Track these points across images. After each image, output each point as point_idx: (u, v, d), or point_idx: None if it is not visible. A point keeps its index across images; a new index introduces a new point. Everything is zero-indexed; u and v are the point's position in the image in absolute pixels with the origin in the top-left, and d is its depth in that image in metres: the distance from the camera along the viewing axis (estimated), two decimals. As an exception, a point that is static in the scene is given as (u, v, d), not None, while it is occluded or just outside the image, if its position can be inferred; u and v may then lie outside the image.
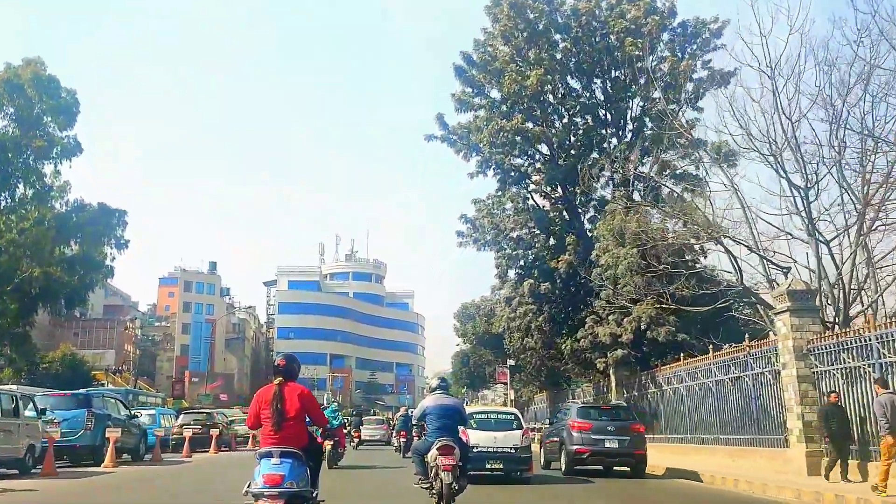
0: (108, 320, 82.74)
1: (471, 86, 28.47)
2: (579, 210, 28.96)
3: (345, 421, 24.25)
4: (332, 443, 16.49)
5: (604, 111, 29.52)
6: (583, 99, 29.04)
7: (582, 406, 19.24)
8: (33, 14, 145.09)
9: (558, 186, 29.06)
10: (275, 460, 6.26)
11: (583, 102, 28.81)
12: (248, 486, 6.22)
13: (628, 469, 17.17)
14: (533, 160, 29.11)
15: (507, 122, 26.17)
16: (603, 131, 28.76)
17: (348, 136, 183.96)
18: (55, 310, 43.27)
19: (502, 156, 27.43)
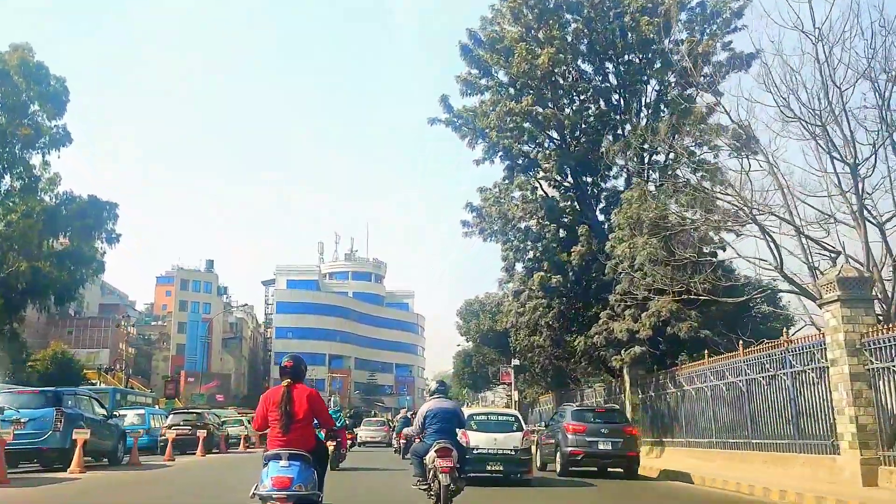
0: (104, 319, 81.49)
1: (477, 67, 26.82)
2: (591, 200, 27.32)
3: (346, 422, 23.84)
4: (334, 444, 15.54)
5: (617, 96, 27.90)
6: (595, 83, 27.42)
7: (577, 409, 19.63)
8: (33, 14, 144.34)
9: (569, 175, 27.44)
10: (283, 463, 6.22)
11: (595, 86, 27.19)
12: (256, 488, 6.22)
13: (621, 470, 17.65)
14: (542, 148, 27.43)
15: (515, 105, 24.56)
16: (616, 117, 27.14)
17: (348, 136, 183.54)
18: (44, 306, 41.68)
19: (510, 140, 25.76)
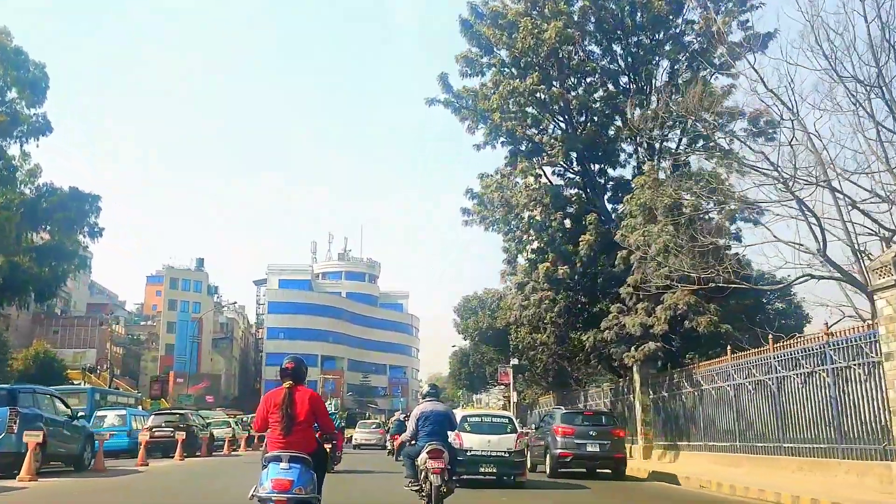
0: (91, 318, 79.71)
1: (478, 45, 25.12)
2: (599, 188, 25.68)
3: (342, 424, 23.15)
4: (330, 446, 13.99)
5: (626, 79, 26.33)
6: (602, 64, 25.83)
7: (566, 412, 20.07)
8: (34, 14, 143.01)
9: (575, 161, 25.82)
10: (283, 465, 6.18)
11: (603, 67, 25.60)
12: (255, 490, 6.16)
13: (609, 471, 18.05)
14: (547, 133, 25.77)
15: (520, 83, 22.91)
16: (625, 100, 25.55)
17: (346, 136, 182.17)
18: (24, 303, 39.82)
19: (514, 123, 24.08)
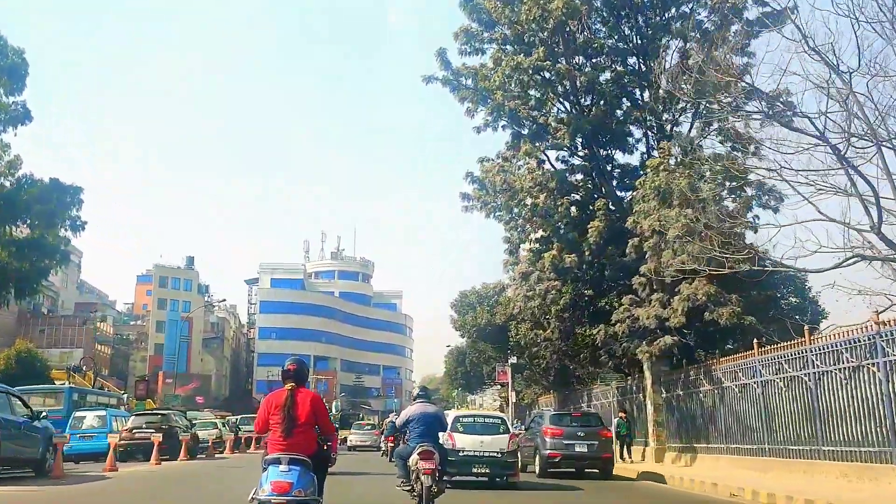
0: (79, 318, 77.96)
1: (479, 21, 23.50)
2: (606, 175, 24.12)
3: (336, 425, 20.90)
4: (325, 447, 12.75)
5: (634, 59, 24.81)
6: (610, 42, 24.29)
7: (554, 413, 20.95)
8: (34, 14, 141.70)
9: (580, 145, 24.24)
10: (283, 467, 6.15)
11: (611, 46, 24.05)
12: (255, 493, 6.12)
13: (597, 471, 18.42)
14: (551, 114, 24.16)
15: (525, 59, 21.32)
16: (634, 80, 24.05)
17: (344, 136, 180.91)
18: (3, 300, 38.15)
19: (517, 102, 22.49)
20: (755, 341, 16.46)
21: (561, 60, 22.16)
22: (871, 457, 12.37)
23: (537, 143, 23.99)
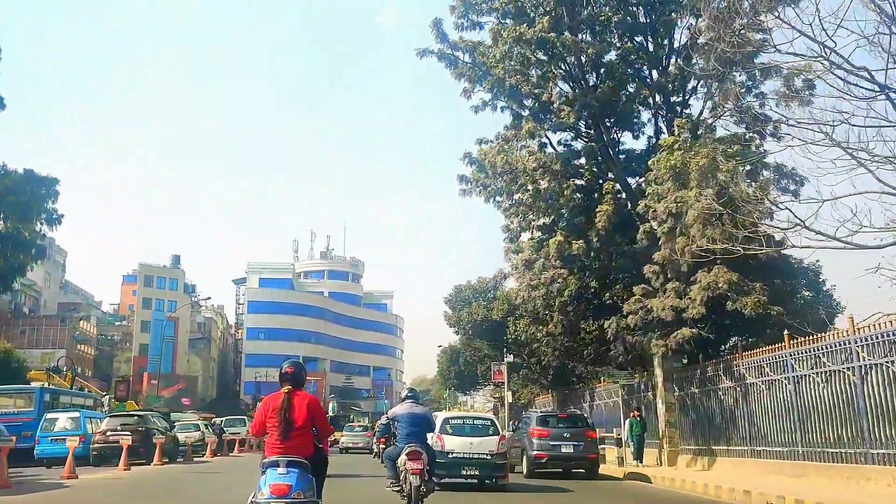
0: (62, 318, 75.99)
1: (477, -10, 21.92)
2: (613, 157, 22.54)
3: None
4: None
5: (642, 38, 23.27)
6: (617, 18, 22.75)
7: (541, 415, 21.17)
8: (34, 13, 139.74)
9: (584, 126, 22.67)
10: (281, 470, 6.13)
11: (618, 21, 22.50)
12: (254, 496, 6.08)
13: (583, 471, 18.75)
14: (552, 92, 22.55)
15: (528, 29, 19.73)
16: (643, 57, 22.51)
17: (345, 136, 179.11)
18: (-26, 297, 36.41)
19: (519, 77, 20.87)
20: (786, 333, 14.91)
21: (566, 33, 20.54)
22: (934, 461, 10.86)
23: (541, 122, 22.40)
